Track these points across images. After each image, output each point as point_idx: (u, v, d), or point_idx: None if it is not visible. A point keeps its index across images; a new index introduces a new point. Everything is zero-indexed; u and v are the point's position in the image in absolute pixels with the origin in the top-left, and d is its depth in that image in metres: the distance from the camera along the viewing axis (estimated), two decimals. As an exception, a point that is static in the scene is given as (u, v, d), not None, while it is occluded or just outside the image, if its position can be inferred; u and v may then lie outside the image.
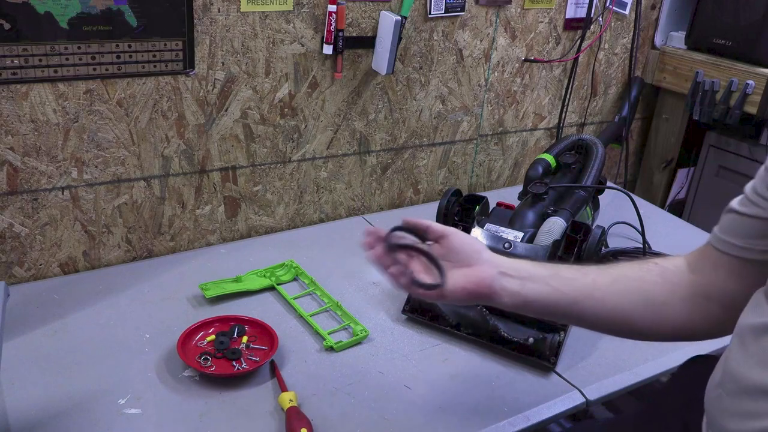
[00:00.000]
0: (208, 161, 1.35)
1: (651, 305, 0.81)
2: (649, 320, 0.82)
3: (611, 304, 0.82)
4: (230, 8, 1.24)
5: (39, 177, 1.19)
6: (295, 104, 1.39)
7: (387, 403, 1.00)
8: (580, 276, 0.84)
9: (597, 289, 0.82)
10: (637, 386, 1.10)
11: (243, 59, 1.29)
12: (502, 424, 0.97)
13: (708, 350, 1.19)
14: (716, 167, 1.90)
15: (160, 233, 1.36)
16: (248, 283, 1.25)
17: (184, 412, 0.96)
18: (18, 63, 1.09)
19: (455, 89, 1.60)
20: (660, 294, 0.81)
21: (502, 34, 1.61)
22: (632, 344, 1.18)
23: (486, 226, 1.23)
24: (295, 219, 1.52)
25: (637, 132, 2.04)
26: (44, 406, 0.95)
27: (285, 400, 0.96)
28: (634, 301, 0.81)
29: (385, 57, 1.38)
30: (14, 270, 1.24)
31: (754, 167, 0.86)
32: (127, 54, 1.18)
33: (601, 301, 0.82)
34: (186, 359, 1.02)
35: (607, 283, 0.83)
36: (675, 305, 0.81)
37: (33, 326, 1.11)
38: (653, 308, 0.81)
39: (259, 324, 1.12)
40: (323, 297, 1.24)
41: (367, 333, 1.14)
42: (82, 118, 1.19)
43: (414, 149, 1.62)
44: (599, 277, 0.83)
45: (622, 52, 1.86)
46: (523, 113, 1.76)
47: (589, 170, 1.35)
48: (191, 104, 1.28)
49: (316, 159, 1.48)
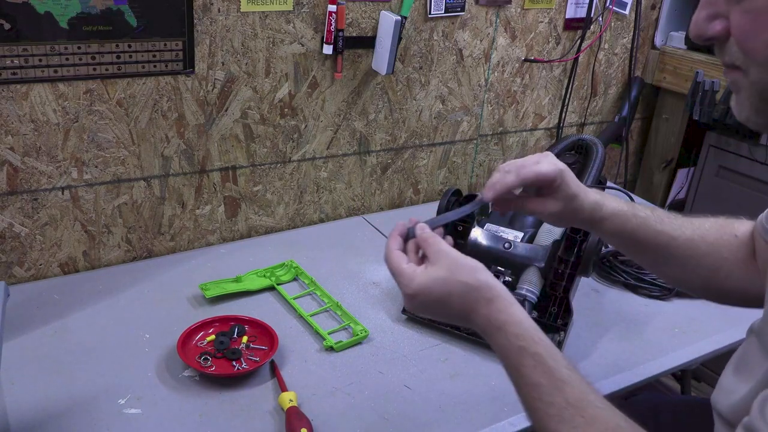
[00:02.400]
0: (208, 161, 1.35)
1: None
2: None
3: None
4: (230, 8, 1.24)
5: (39, 177, 1.19)
6: (295, 104, 1.39)
7: (387, 403, 1.00)
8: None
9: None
10: (637, 386, 1.10)
11: (243, 59, 1.29)
12: (502, 424, 0.97)
13: (707, 351, 1.19)
14: (716, 167, 1.90)
15: (160, 233, 1.36)
16: (248, 283, 1.25)
17: (184, 412, 0.96)
18: (18, 63, 1.09)
19: (455, 89, 1.60)
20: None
21: (502, 34, 1.61)
22: (632, 344, 1.18)
23: (486, 226, 1.23)
24: (295, 219, 1.52)
25: (637, 132, 2.04)
26: (44, 406, 0.95)
27: (285, 400, 0.96)
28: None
29: (385, 57, 1.38)
30: (14, 270, 1.24)
31: (754, 167, 0.87)
32: (127, 54, 1.18)
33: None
34: (186, 359, 1.02)
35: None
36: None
37: (33, 326, 1.11)
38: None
39: (259, 324, 1.12)
40: (323, 297, 1.24)
41: (367, 333, 1.14)
42: (82, 118, 1.19)
43: (414, 149, 1.62)
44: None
45: (622, 52, 1.86)
46: (523, 113, 1.76)
47: (589, 170, 1.35)
48: (191, 104, 1.28)
49: (316, 159, 1.48)
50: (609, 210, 0.88)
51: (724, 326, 1.24)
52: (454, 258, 0.75)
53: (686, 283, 0.93)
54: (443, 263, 0.75)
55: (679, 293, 1.32)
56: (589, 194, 0.87)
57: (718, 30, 0.59)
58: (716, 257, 0.89)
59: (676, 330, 1.23)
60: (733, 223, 0.91)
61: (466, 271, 0.74)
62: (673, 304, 1.31)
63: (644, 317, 1.26)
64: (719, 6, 0.59)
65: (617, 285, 1.36)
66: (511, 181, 0.83)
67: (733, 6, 0.57)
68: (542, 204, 0.87)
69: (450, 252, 0.76)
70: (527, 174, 0.83)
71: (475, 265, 0.75)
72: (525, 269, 1.16)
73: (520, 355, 0.70)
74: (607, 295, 1.33)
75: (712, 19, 0.60)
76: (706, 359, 1.19)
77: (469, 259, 0.76)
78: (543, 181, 0.84)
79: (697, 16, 0.61)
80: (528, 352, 0.70)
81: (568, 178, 0.84)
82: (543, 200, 0.86)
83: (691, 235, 0.89)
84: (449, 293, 0.74)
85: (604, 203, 0.88)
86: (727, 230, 0.90)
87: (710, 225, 0.91)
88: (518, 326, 0.71)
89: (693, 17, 0.62)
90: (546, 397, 0.68)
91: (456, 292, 0.74)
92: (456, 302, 0.75)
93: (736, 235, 0.90)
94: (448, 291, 0.74)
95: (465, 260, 0.76)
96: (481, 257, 1.17)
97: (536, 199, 0.87)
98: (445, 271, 0.74)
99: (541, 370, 0.68)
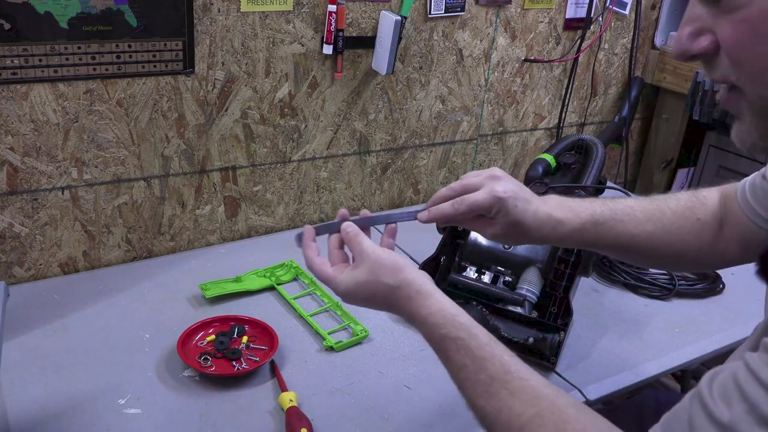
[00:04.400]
0: (208, 161, 1.35)
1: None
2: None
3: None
4: (230, 8, 1.24)
5: (39, 177, 1.19)
6: (295, 104, 1.39)
7: (387, 403, 1.00)
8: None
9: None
10: (637, 386, 1.10)
11: (243, 59, 1.29)
12: (502, 424, 0.97)
13: (707, 351, 1.19)
14: (716, 167, 1.90)
15: (160, 233, 1.36)
16: (248, 283, 1.25)
17: (184, 412, 0.96)
18: (18, 63, 1.09)
19: (455, 89, 1.60)
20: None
21: (502, 34, 1.61)
22: (632, 344, 1.18)
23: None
24: (295, 219, 1.52)
25: (637, 132, 2.04)
26: (44, 406, 0.95)
27: (285, 400, 0.96)
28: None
29: (385, 57, 1.38)
30: (14, 270, 1.24)
31: (755, 167, 0.87)
32: (127, 54, 1.18)
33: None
34: (186, 359, 1.02)
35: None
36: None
37: (33, 326, 1.11)
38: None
39: (259, 324, 1.12)
40: (323, 297, 1.24)
41: (367, 333, 1.14)
42: (82, 118, 1.19)
43: (414, 149, 1.62)
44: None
45: (622, 52, 1.86)
46: (523, 113, 1.76)
47: (589, 170, 1.35)
48: (191, 104, 1.28)
49: (316, 159, 1.48)
50: (566, 229, 0.87)
51: (724, 326, 1.25)
52: (375, 259, 0.78)
53: (653, 267, 0.98)
54: (366, 265, 0.78)
55: (679, 293, 1.32)
56: (539, 216, 0.86)
57: (705, 45, 0.57)
58: (679, 246, 0.90)
59: (676, 330, 1.23)
60: (695, 204, 0.91)
61: (386, 272, 0.77)
62: (673, 304, 1.31)
63: (644, 317, 1.26)
64: (704, 21, 0.57)
65: (617, 285, 1.36)
66: (447, 213, 0.85)
67: (722, 18, 0.55)
68: (481, 226, 0.87)
69: (372, 252, 0.79)
70: (460, 207, 0.84)
71: (394, 264, 0.78)
72: (525, 269, 1.16)
73: (443, 342, 0.73)
74: (607, 295, 1.33)
75: (696, 36, 0.58)
76: (706, 359, 1.19)
77: (391, 258, 0.79)
78: (478, 211, 0.85)
79: (680, 33, 0.59)
80: (449, 337, 0.73)
81: (508, 205, 0.83)
82: (482, 222, 0.87)
83: (653, 229, 0.89)
84: (373, 294, 0.78)
85: (561, 223, 0.87)
86: (689, 216, 0.90)
87: (671, 214, 0.90)
88: (437, 316, 0.74)
89: (675, 35, 0.60)
90: (472, 375, 0.71)
91: (379, 293, 0.78)
92: (381, 301, 0.79)
93: (699, 218, 0.90)
94: (372, 292, 0.78)
95: (386, 260, 0.78)
96: (481, 257, 1.19)
97: (475, 220, 0.87)
98: (367, 274, 0.78)
99: (464, 353, 0.71)
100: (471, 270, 1.19)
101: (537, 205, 0.86)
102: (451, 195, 0.86)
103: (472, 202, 0.84)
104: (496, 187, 0.83)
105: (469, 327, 0.73)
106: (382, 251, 0.79)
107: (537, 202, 0.86)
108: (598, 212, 0.89)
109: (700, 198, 0.92)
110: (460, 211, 0.84)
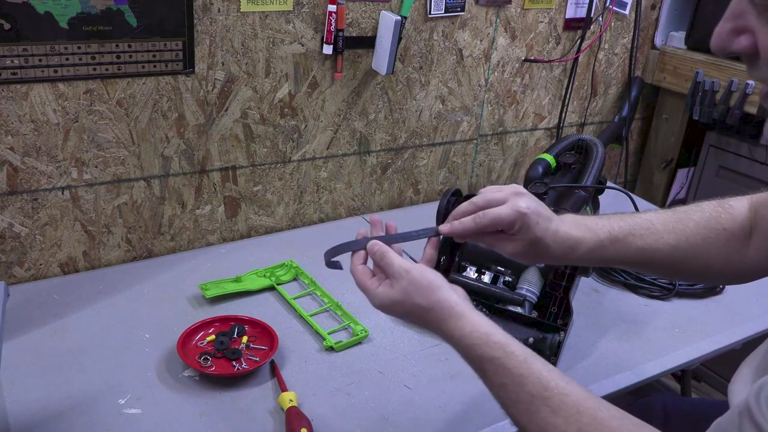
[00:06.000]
0: (208, 161, 1.35)
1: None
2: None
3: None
4: (230, 8, 1.24)
5: (39, 177, 1.19)
6: (295, 104, 1.39)
7: (387, 403, 1.00)
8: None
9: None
10: (637, 386, 1.10)
11: (243, 59, 1.29)
12: (502, 424, 0.97)
13: (707, 351, 1.19)
14: (716, 167, 1.90)
15: (160, 233, 1.36)
16: (248, 283, 1.25)
17: (184, 412, 0.96)
18: (18, 63, 1.09)
19: (455, 89, 1.60)
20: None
21: (502, 34, 1.61)
22: (632, 344, 1.18)
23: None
24: (295, 219, 1.52)
25: (637, 132, 2.04)
26: (44, 406, 0.95)
27: (285, 400, 0.96)
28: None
29: (385, 57, 1.38)
30: (14, 270, 1.24)
31: (754, 167, 0.87)
32: (127, 54, 1.18)
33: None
34: (186, 359, 1.03)
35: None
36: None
37: (33, 326, 1.11)
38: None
39: (259, 324, 1.12)
40: (323, 297, 1.24)
41: (367, 333, 1.14)
42: (82, 118, 1.19)
43: (414, 149, 1.62)
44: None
45: (622, 52, 1.86)
46: (523, 113, 1.76)
47: (589, 170, 1.35)
48: (191, 104, 1.28)
49: (316, 159, 1.48)
50: (585, 249, 0.85)
51: (724, 326, 1.25)
52: (409, 280, 0.77)
53: (681, 279, 0.93)
54: (400, 285, 0.78)
55: (679, 293, 1.32)
56: (560, 236, 0.84)
57: (744, 45, 0.57)
58: (705, 258, 0.88)
59: (676, 330, 1.23)
60: (720, 213, 0.89)
61: (420, 294, 0.77)
62: (673, 304, 1.31)
63: (644, 317, 1.26)
64: (747, 20, 0.56)
65: (617, 285, 1.36)
66: (469, 227, 0.83)
67: (764, 22, 0.54)
68: (501, 242, 0.85)
69: (405, 272, 0.78)
70: (482, 221, 0.82)
71: (429, 284, 0.77)
72: (525, 269, 1.16)
73: (480, 362, 0.73)
74: (607, 295, 1.33)
75: (737, 34, 0.57)
76: (706, 359, 1.20)
77: (425, 278, 0.77)
78: (500, 226, 0.82)
79: (721, 28, 0.58)
80: (485, 358, 0.72)
81: (531, 221, 0.81)
82: (501, 238, 0.84)
83: (675, 242, 0.87)
84: (407, 313, 0.79)
85: (579, 243, 0.85)
86: (714, 226, 0.88)
87: (694, 225, 0.88)
88: (472, 337, 0.73)
89: (716, 28, 0.59)
90: (512, 395, 0.70)
91: (413, 313, 0.78)
92: (416, 321, 0.79)
93: (725, 228, 0.88)
94: (406, 311, 0.78)
95: (420, 281, 0.77)
96: (481, 257, 1.19)
97: (496, 236, 0.85)
98: (401, 294, 0.77)
99: (502, 372, 0.71)
100: (471, 270, 1.19)
101: (557, 225, 0.84)
102: (472, 210, 0.84)
103: (494, 216, 0.81)
104: (519, 203, 0.81)
105: (505, 345, 0.72)
106: (415, 270, 0.78)
107: (557, 221, 0.84)
108: (615, 228, 0.87)
109: (726, 207, 0.90)
110: (482, 224, 0.82)
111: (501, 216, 0.81)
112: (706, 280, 0.94)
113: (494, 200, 0.83)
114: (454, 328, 0.75)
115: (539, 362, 0.70)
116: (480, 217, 0.82)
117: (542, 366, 0.70)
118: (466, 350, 0.74)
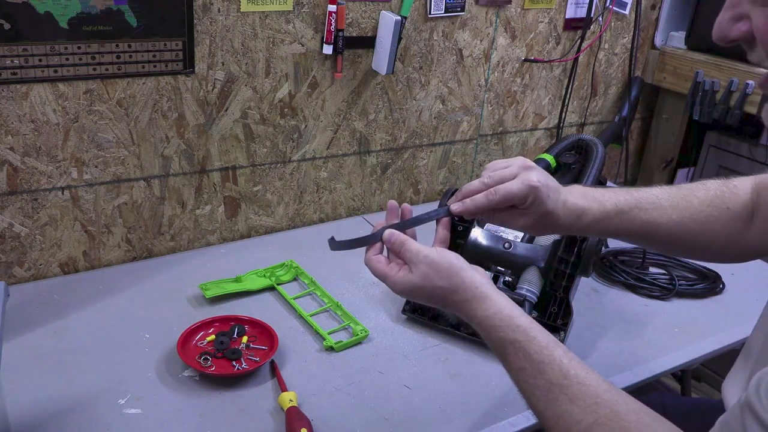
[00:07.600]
0: (208, 161, 1.35)
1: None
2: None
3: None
4: (230, 8, 1.24)
5: (39, 177, 1.19)
6: (295, 104, 1.39)
7: (387, 403, 1.00)
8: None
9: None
10: (637, 386, 1.10)
11: (243, 59, 1.29)
12: (502, 424, 0.97)
13: (707, 351, 1.19)
14: (716, 167, 1.90)
15: (160, 233, 1.36)
16: (248, 283, 1.25)
17: (184, 412, 0.96)
18: (18, 63, 1.09)
19: (455, 89, 1.60)
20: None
21: (502, 34, 1.61)
22: (632, 344, 1.18)
23: (486, 225, 1.23)
24: (295, 219, 1.52)
25: (637, 132, 2.04)
26: (44, 406, 0.95)
27: (285, 400, 0.96)
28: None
29: (385, 57, 1.38)
30: (14, 270, 1.24)
31: (754, 167, 0.87)
32: (127, 54, 1.18)
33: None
34: (186, 359, 1.02)
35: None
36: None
37: (33, 326, 1.11)
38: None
39: (259, 324, 1.12)
40: (323, 297, 1.24)
41: (367, 333, 1.14)
42: (82, 118, 1.19)
43: (414, 149, 1.62)
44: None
45: (622, 52, 1.86)
46: (523, 113, 1.76)
47: (589, 170, 1.35)
48: (191, 104, 1.28)
49: (316, 159, 1.48)
50: (590, 218, 0.86)
51: (724, 326, 1.25)
52: (428, 263, 0.77)
53: (682, 256, 0.96)
54: (419, 269, 0.78)
55: (679, 293, 1.32)
56: (568, 206, 0.85)
57: (743, 31, 0.59)
58: (707, 235, 0.89)
59: (676, 330, 1.23)
60: (725, 193, 0.90)
61: (442, 275, 0.77)
62: (673, 304, 1.31)
63: (644, 317, 1.26)
64: (743, 7, 0.58)
65: (617, 285, 1.36)
66: (481, 203, 0.83)
67: (757, 7, 0.57)
68: (512, 217, 0.85)
69: (425, 256, 0.78)
70: (494, 198, 0.82)
71: (450, 266, 0.77)
72: (525, 269, 1.16)
73: (501, 344, 0.73)
74: (607, 295, 1.33)
75: (736, 21, 0.59)
76: (706, 359, 1.20)
77: (446, 260, 0.77)
78: (512, 201, 0.83)
79: (721, 17, 0.60)
80: (507, 340, 0.72)
81: (542, 195, 0.82)
82: (513, 213, 0.85)
83: (679, 218, 0.88)
84: (430, 296, 0.78)
85: (586, 212, 0.86)
86: (718, 204, 0.89)
87: (699, 202, 0.89)
88: (495, 318, 0.74)
89: (717, 18, 0.61)
90: (531, 380, 0.70)
91: (436, 296, 0.78)
92: (439, 303, 0.79)
93: (728, 207, 0.89)
94: (429, 295, 0.78)
95: (441, 263, 0.77)
96: (481, 257, 1.19)
97: (506, 211, 0.85)
98: (422, 278, 0.77)
99: (522, 356, 0.71)
100: (471, 270, 1.19)
101: (565, 195, 0.85)
102: (482, 188, 0.84)
103: (507, 191, 0.81)
104: (530, 177, 0.82)
105: (527, 329, 0.72)
106: (435, 253, 0.78)
107: (564, 192, 0.86)
108: (622, 201, 0.88)
109: (730, 187, 0.91)
110: (495, 201, 0.82)
111: (513, 191, 0.81)
112: (705, 258, 0.96)
113: (504, 176, 0.83)
114: (477, 308, 0.75)
115: (561, 350, 0.70)
116: (492, 194, 0.82)
117: (563, 354, 0.70)
118: (488, 331, 0.74)
